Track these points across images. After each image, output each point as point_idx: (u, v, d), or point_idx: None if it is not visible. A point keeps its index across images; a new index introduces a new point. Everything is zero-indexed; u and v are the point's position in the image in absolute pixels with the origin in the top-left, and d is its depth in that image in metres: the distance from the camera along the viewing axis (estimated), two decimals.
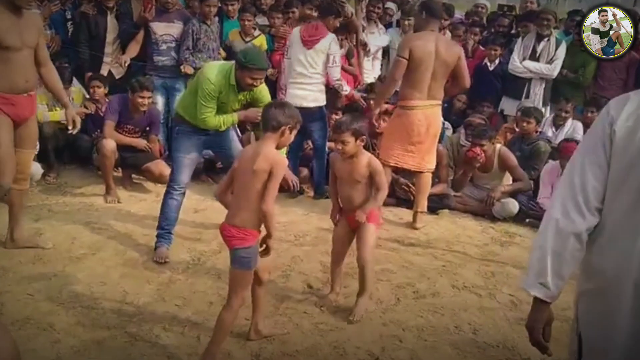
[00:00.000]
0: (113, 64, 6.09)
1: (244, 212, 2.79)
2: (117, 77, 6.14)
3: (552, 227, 1.81)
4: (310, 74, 5.30)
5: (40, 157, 5.22)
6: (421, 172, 4.88)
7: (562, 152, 5.21)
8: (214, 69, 3.84)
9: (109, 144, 5.11)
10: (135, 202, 5.16)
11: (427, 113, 4.72)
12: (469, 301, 3.75)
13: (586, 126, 5.98)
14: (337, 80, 5.41)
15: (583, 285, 1.86)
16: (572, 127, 6.06)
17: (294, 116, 2.88)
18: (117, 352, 3.00)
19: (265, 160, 2.74)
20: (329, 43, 5.28)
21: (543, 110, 6.33)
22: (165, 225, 4.09)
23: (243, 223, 2.79)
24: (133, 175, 5.56)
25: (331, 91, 5.60)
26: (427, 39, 4.60)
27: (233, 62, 3.86)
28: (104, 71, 6.09)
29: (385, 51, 7.07)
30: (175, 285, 3.72)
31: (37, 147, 4.41)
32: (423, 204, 4.94)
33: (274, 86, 5.83)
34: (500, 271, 4.21)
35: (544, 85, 6.44)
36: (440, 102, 4.83)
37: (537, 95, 6.45)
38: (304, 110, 5.32)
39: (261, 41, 6.35)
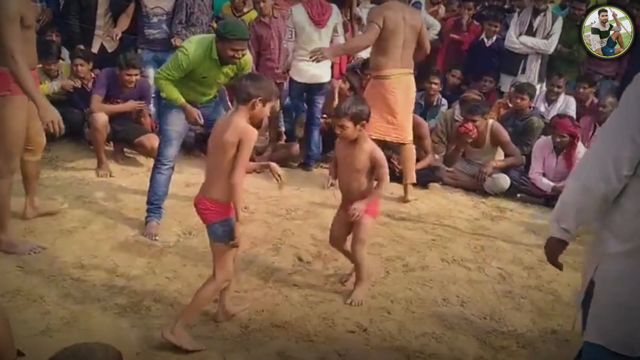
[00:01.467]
0: (105, 37, 6.03)
1: (218, 185, 2.75)
2: (109, 50, 6.08)
3: (579, 188, 1.94)
4: None
5: None
6: (404, 144, 4.92)
7: (555, 127, 5.20)
8: (194, 43, 3.79)
9: (101, 118, 5.07)
10: (126, 176, 5.15)
11: (401, 80, 4.77)
12: (457, 274, 3.78)
13: (579, 101, 5.97)
14: None
15: (613, 247, 1.94)
16: (565, 102, 6.06)
17: (266, 88, 2.78)
18: (107, 324, 3.01)
19: (233, 132, 2.68)
20: (336, 15, 5.41)
21: (539, 86, 6.31)
22: (154, 201, 4.07)
23: (218, 196, 2.75)
24: (125, 149, 5.54)
25: None
26: (395, 9, 4.71)
27: (214, 35, 3.80)
28: (96, 44, 6.03)
29: None
30: (165, 258, 3.73)
31: None
32: (411, 175, 4.97)
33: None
34: (490, 245, 4.24)
35: (539, 61, 6.42)
36: (412, 71, 4.90)
37: (532, 71, 6.43)
38: (317, 86, 5.47)
39: (252, 17, 6.27)
